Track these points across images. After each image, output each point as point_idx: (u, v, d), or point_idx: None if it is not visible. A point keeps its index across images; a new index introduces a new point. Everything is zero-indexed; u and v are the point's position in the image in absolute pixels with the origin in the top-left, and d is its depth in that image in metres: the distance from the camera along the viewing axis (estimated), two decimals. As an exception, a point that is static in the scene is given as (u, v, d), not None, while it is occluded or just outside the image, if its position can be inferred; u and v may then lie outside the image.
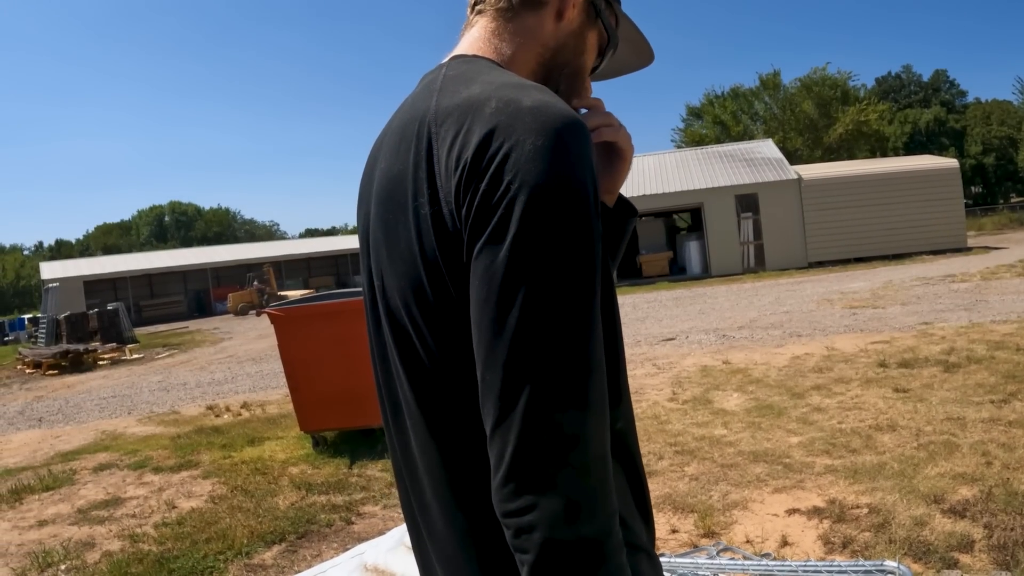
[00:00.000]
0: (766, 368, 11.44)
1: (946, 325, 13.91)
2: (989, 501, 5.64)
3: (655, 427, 8.65)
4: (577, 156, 1.23)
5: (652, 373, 11.95)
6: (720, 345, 14.16)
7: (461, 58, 1.52)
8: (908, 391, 9.24)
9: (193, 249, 73.57)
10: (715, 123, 68.56)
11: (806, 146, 63.35)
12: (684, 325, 17.71)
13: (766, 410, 8.97)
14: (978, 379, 9.50)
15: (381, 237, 1.42)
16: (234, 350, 24.15)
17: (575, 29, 1.59)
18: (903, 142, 79.60)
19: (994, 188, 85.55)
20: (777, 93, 67.03)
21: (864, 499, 5.94)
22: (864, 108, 63.83)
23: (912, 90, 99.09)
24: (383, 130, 1.56)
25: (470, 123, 1.27)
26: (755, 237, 35.60)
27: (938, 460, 6.68)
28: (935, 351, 11.37)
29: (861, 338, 13.34)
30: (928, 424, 7.77)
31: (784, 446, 7.51)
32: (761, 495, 6.29)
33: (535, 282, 1.17)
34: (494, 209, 1.20)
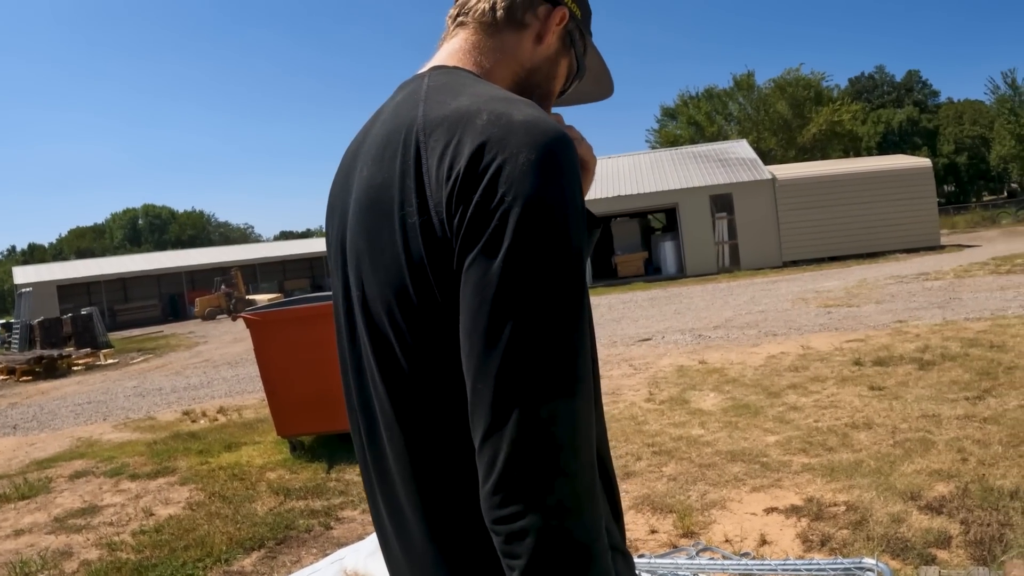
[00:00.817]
0: (742, 367, 11.48)
1: (920, 323, 14.00)
2: (965, 497, 5.68)
3: (632, 428, 8.67)
4: (568, 171, 1.26)
5: (628, 374, 11.97)
6: (696, 345, 14.21)
7: (441, 69, 1.54)
8: (883, 389, 9.29)
9: (167, 252, 73.16)
10: (689, 124, 68.93)
11: (780, 146, 63.74)
12: (660, 325, 17.76)
13: (743, 409, 9.01)
14: (952, 376, 9.57)
15: (364, 246, 1.42)
16: (210, 354, 24.04)
17: (551, 54, 1.65)
18: (876, 142, 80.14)
19: (967, 187, 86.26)
20: (751, 94, 67.49)
21: (841, 497, 5.97)
22: (837, 108, 64.43)
23: (885, 90, 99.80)
24: (358, 138, 1.58)
25: (461, 134, 1.28)
26: (730, 237, 35.74)
27: (914, 457, 6.72)
28: (910, 349, 11.45)
29: (836, 337, 13.41)
30: (904, 422, 7.82)
31: (761, 445, 7.55)
32: (739, 494, 6.32)
33: (529, 293, 1.19)
34: (488, 220, 1.21)
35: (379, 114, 1.55)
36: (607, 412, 9.50)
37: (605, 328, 18.21)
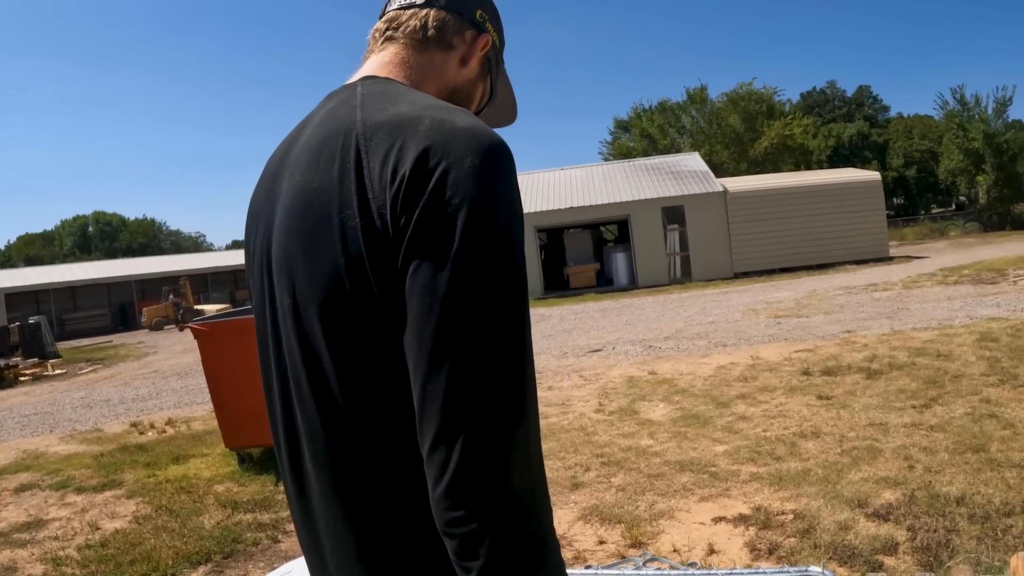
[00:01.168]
0: (692, 378, 11.52)
1: (868, 333, 14.13)
2: (912, 504, 5.74)
3: (582, 438, 8.66)
4: (511, 176, 1.30)
5: (579, 384, 11.98)
6: (646, 356, 14.24)
7: (373, 78, 1.55)
8: (831, 398, 9.37)
9: (118, 261, 72.24)
10: (643, 136, 69.27)
11: (732, 159, 64.21)
12: (611, 336, 17.79)
13: (692, 420, 9.04)
14: (900, 385, 9.66)
15: (296, 251, 1.40)
16: (159, 365, 23.81)
17: (472, 77, 1.71)
18: (827, 155, 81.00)
19: (915, 199, 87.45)
20: (704, 107, 67.96)
21: (789, 505, 6.00)
22: (789, 122, 65.04)
23: (836, 105, 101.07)
24: (283, 146, 1.58)
25: (404, 138, 1.30)
26: (681, 248, 35.92)
27: (861, 465, 6.78)
28: (858, 358, 11.55)
29: (785, 347, 13.51)
30: (851, 430, 7.89)
31: (710, 455, 7.57)
32: (687, 504, 6.33)
33: (477, 294, 1.21)
34: (436, 223, 1.23)
35: (308, 122, 1.55)
36: (556, 424, 9.50)
37: (556, 339, 18.24)
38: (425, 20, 1.62)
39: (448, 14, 1.64)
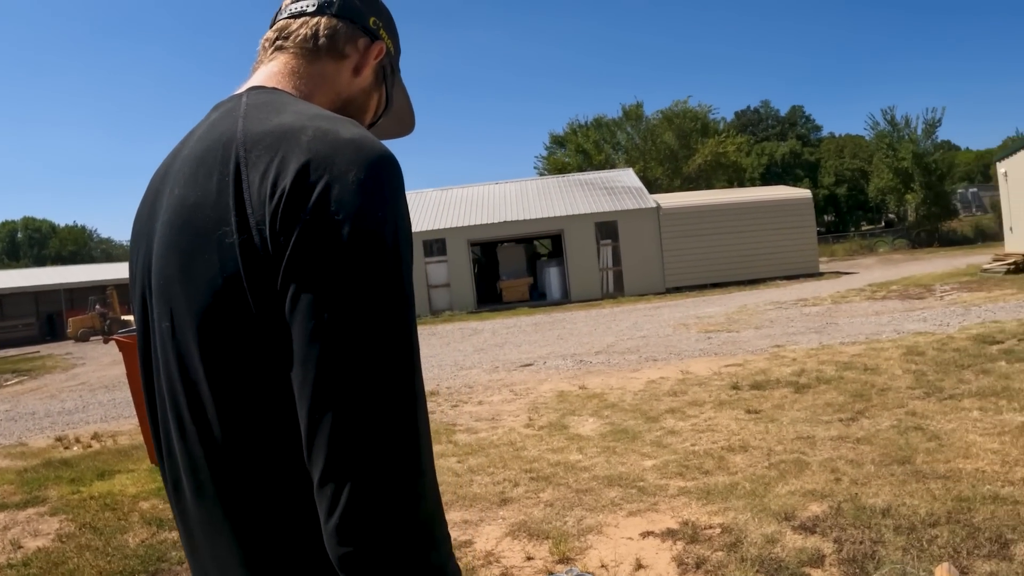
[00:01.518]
0: (622, 392, 11.51)
1: (797, 347, 14.24)
2: (838, 516, 5.75)
3: (511, 454, 8.60)
4: (398, 191, 1.23)
5: (509, 399, 11.92)
6: (577, 370, 14.23)
7: (260, 89, 1.47)
8: (760, 412, 9.40)
9: (46, 269, 70.95)
10: (578, 152, 69.59)
11: (666, 176, 64.81)
12: (542, 351, 17.77)
13: (621, 434, 9.01)
14: (827, 399, 9.72)
15: (174, 271, 1.31)
16: (86, 377, 23.39)
17: (366, 87, 1.65)
18: (760, 173, 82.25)
19: (846, 217, 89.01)
20: (639, 124, 68.61)
21: (717, 519, 5.98)
22: (723, 140, 66.06)
23: (770, 124, 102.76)
24: (167, 161, 1.49)
25: (285, 150, 1.22)
26: (614, 263, 36.10)
27: (788, 478, 6.79)
28: (786, 373, 11.62)
29: (715, 361, 13.56)
30: (779, 444, 7.90)
31: (638, 469, 7.54)
32: (616, 519, 6.29)
33: (362, 319, 1.14)
34: (317, 242, 1.15)
35: (191, 134, 1.47)
36: (486, 439, 9.43)
37: (488, 353, 18.19)
38: (316, 28, 1.56)
39: (340, 21, 1.58)
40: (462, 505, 6.93)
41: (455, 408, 11.50)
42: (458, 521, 6.52)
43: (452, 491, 7.30)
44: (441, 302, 35.75)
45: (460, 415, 10.96)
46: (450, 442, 9.34)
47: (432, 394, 12.80)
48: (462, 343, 21.56)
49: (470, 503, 6.96)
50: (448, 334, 24.96)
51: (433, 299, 35.77)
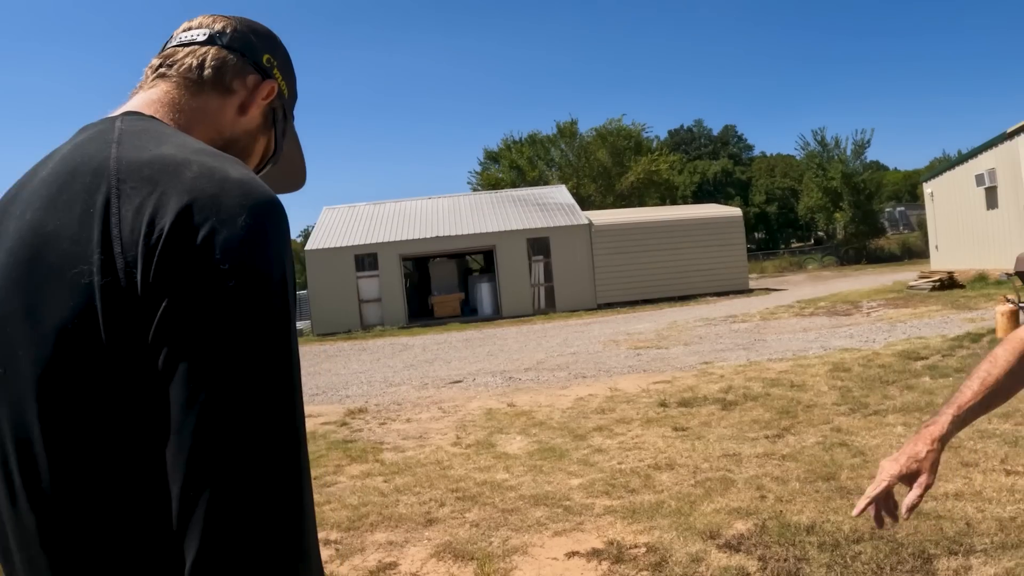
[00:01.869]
0: (550, 410, 11.46)
1: (725, 364, 14.31)
2: (763, 534, 5.74)
3: (437, 473, 8.49)
4: (286, 240, 1.14)
5: (437, 417, 11.81)
6: (506, 387, 14.17)
7: (137, 115, 1.34)
8: (687, 430, 9.40)
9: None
10: (512, 168, 69.78)
11: (599, 192, 65.22)
12: (472, 367, 17.68)
13: (548, 453, 8.95)
14: (754, 416, 9.76)
15: (16, 309, 1.15)
16: None
17: (252, 128, 1.51)
18: (692, 191, 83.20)
19: (776, 234, 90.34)
20: (573, 141, 68.97)
21: (642, 538, 5.95)
22: (656, 158, 66.73)
23: (703, 143, 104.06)
24: (20, 182, 1.31)
25: (166, 186, 1.11)
26: (546, 279, 36.18)
27: (714, 496, 6.78)
28: (714, 389, 11.65)
29: (644, 378, 13.57)
30: (705, 461, 7.90)
31: (565, 488, 7.49)
32: (541, 539, 6.22)
33: (247, 382, 1.04)
34: (201, 294, 1.04)
35: (51, 156, 1.31)
36: (413, 457, 9.32)
37: (417, 369, 18.08)
38: (203, 58, 1.44)
39: (230, 54, 1.47)
40: (387, 526, 6.83)
41: (383, 426, 11.38)
42: (383, 542, 6.42)
43: (378, 511, 7.20)
44: (372, 317, 35.56)
45: (388, 433, 10.85)
46: (377, 461, 9.24)
47: (361, 411, 12.67)
48: (392, 359, 21.42)
49: (395, 524, 6.86)
50: (379, 349, 24.81)
51: (364, 314, 35.57)
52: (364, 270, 35.96)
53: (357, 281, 35.74)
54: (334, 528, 6.84)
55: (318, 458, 9.55)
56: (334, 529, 6.82)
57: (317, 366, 21.17)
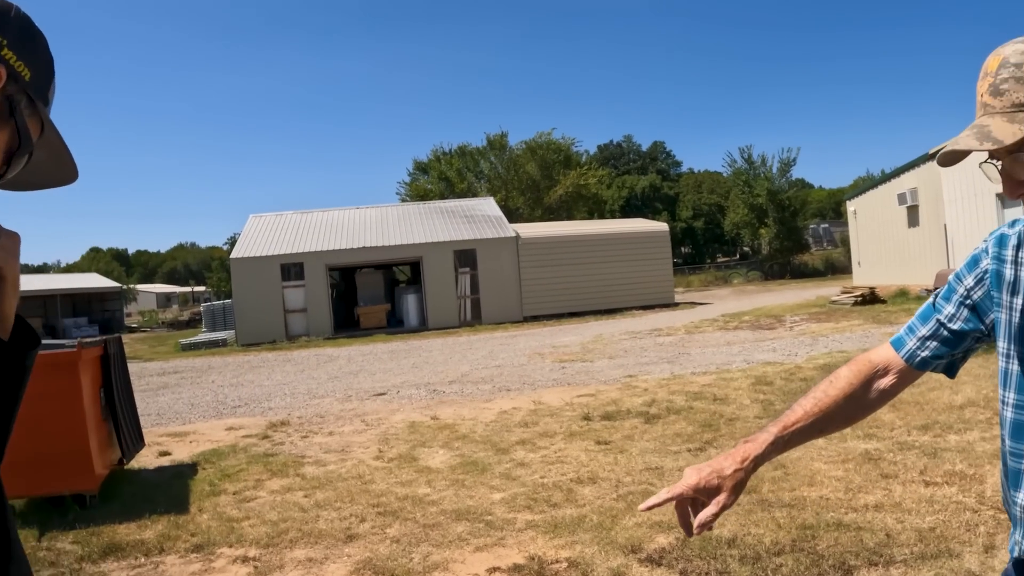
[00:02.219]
0: (473, 423, 11.41)
1: (649, 377, 14.38)
2: (684, 547, 5.75)
3: (358, 487, 8.39)
4: None
5: (360, 430, 11.70)
6: (430, 400, 14.09)
7: None
8: (610, 443, 9.41)
9: None
10: (440, 179, 69.63)
11: (527, 205, 65.34)
12: (397, 379, 17.57)
13: (471, 467, 8.90)
14: (676, 429, 9.81)
15: None
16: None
17: None
18: (620, 205, 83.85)
19: (702, 249, 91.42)
20: (503, 153, 69.03)
21: (564, 553, 5.92)
22: (585, 172, 66.95)
23: (631, 158, 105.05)
24: None
25: None
26: (472, 291, 36.16)
27: (636, 510, 6.77)
28: (637, 403, 11.69)
29: (568, 391, 13.59)
30: (628, 475, 7.91)
31: (487, 503, 7.45)
32: (463, 554, 6.18)
33: None
34: None
35: None
36: (334, 472, 9.20)
37: (342, 381, 17.93)
38: None
39: None
40: (307, 542, 6.73)
41: (305, 439, 11.25)
42: (303, 559, 6.33)
43: (298, 527, 7.10)
44: (298, 327, 35.24)
45: (310, 447, 10.72)
46: (298, 475, 9.12)
47: (283, 424, 12.52)
48: (317, 370, 21.24)
49: (315, 540, 6.77)
50: (303, 361, 24.59)
51: (290, 324, 35.24)
52: (290, 280, 35.63)
53: (283, 291, 35.42)
54: (253, 545, 6.73)
55: (238, 472, 9.42)
56: (253, 546, 6.70)
57: (240, 377, 20.93)
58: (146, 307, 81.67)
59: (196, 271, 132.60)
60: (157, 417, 14.19)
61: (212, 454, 10.55)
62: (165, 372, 24.09)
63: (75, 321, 54.58)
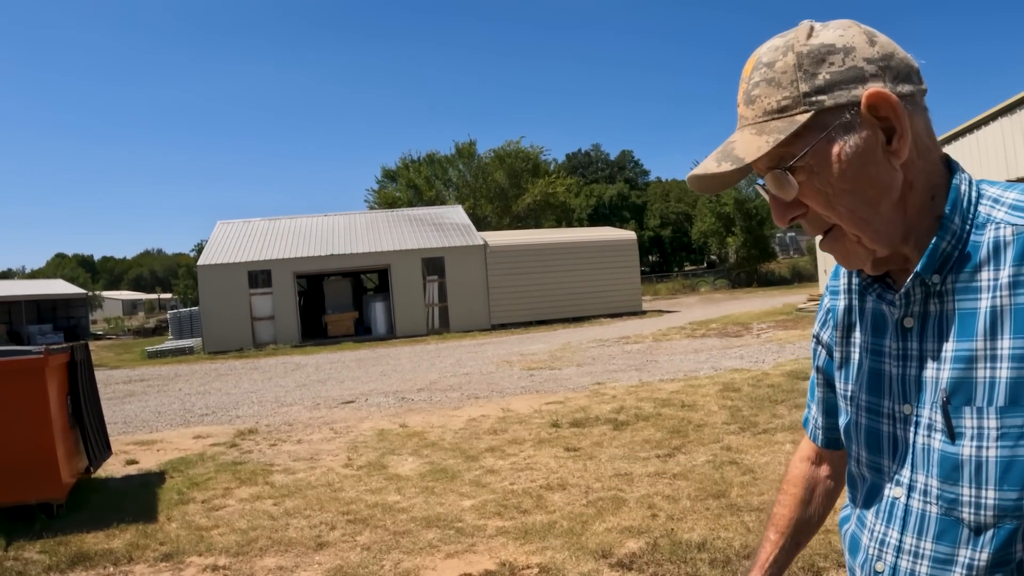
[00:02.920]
0: (442, 431, 11.40)
1: (617, 385, 14.42)
2: (655, 552, 5.79)
3: (328, 495, 8.38)
4: None
5: (329, 438, 11.66)
6: (399, 408, 14.07)
7: None
8: (579, 450, 9.43)
9: None
10: (409, 187, 69.49)
11: (495, 213, 65.33)
12: (365, 387, 17.52)
13: (440, 474, 8.90)
14: (645, 435, 9.85)
15: None
16: None
17: None
18: (588, 214, 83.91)
19: (670, 257, 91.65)
20: (471, 161, 68.97)
21: (535, 559, 5.94)
22: (553, 181, 67.02)
23: (599, 167, 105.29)
24: None
25: None
26: (440, 299, 36.12)
27: (606, 516, 6.81)
28: (606, 410, 11.73)
29: (537, 399, 13.61)
30: (597, 481, 7.94)
31: (457, 510, 7.45)
32: (434, 561, 6.18)
33: None
34: None
35: None
36: (303, 479, 9.18)
37: (310, 389, 17.85)
38: None
39: None
40: (277, 550, 6.71)
41: (273, 447, 11.21)
42: (272, 567, 6.31)
43: (267, 535, 7.08)
44: (265, 335, 35.06)
45: (278, 455, 10.68)
46: (267, 483, 9.08)
47: (251, 432, 12.46)
48: (284, 378, 21.14)
49: (285, 548, 6.75)
50: (271, 368, 24.47)
51: (257, 332, 35.05)
52: (257, 287, 35.45)
53: (250, 298, 35.23)
54: (222, 553, 6.71)
55: (206, 480, 9.38)
56: (223, 554, 6.68)
57: (207, 385, 20.80)
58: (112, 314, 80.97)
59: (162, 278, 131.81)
60: (124, 425, 14.08)
61: (180, 462, 10.50)
62: (131, 380, 23.92)
63: (40, 328, 53.86)
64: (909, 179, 1.34)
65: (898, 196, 1.34)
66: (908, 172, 1.33)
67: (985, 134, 25.74)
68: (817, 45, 1.33)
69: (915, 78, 1.35)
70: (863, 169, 1.31)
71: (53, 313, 61.31)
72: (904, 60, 1.35)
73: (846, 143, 1.31)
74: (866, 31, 1.36)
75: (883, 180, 1.32)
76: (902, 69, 1.34)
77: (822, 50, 1.33)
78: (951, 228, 1.34)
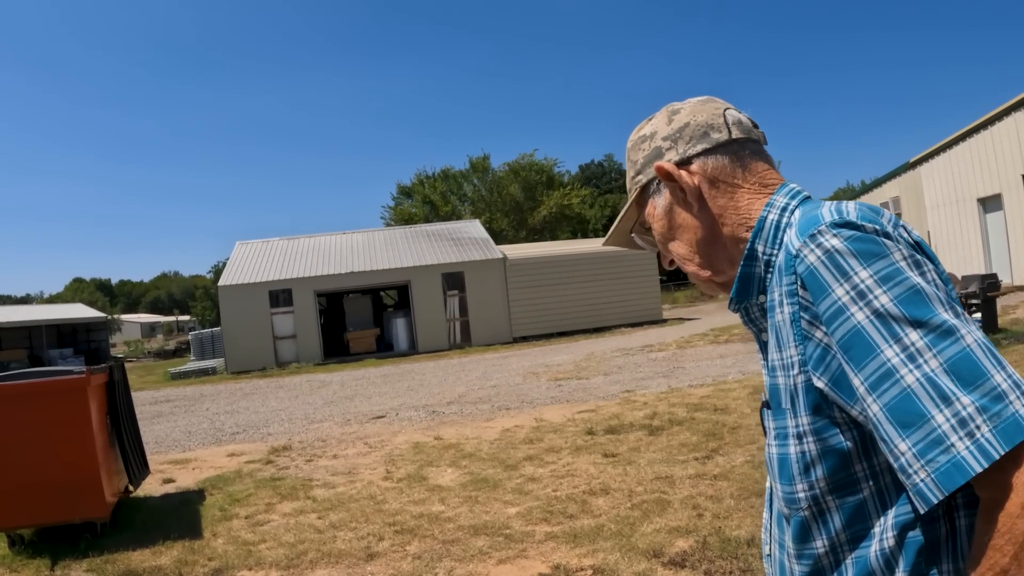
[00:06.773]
0: (478, 442, 11.45)
1: (647, 392, 14.44)
2: (705, 549, 5.84)
3: (372, 507, 8.43)
4: None
5: (364, 452, 11.72)
6: (431, 421, 14.11)
7: None
8: (617, 455, 9.47)
9: None
10: (425, 202, 69.64)
11: (511, 227, 65.36)
12: (394, 402, 17.57)
13: (481, 483, 8.95)
14: (681, 439, 9.88)
15: None
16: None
17: None
18: (603, 224, 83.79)
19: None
20: (486, 176, 69.11)
21: (587, 561, 5.99)
22: (567, 192, 67.01)
23: (613, 177, 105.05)
24: None
25: None
26: (461, 314, 36.12)
27: (652, 517, 6.85)
28: (639, 416, 11.75)
29: (568, 408, 13.63)
30: (639, 484, 7.98)
31: (503, 517, 7.49)
32: (487, 567, 6.23)
33: None
34: None
35: None
36: (344, 493, 9.24)
37: (338, 406, 17.90)
38: None
39: None
40: (327, 562, 6.76)
41: (310, 463, 11.26)
42: (324, 578, 6.37)
43: (316, 548, 7.13)
44: (287, 354, 35.13)
45: (316, 470, 10.73)
46: (308, 498, 9.13)
47: (285, 449, 12.51)
48: (311, 396, 21.18)
49: (335, 560, 6.80)
50: (296, 387, 24.51)
51: (279, 351, 35.11)
52: (278, 306, 35.53)
53: (271, 317, 35.31)
54: (273, 567, 6.76)
55: (247, 496, 9.43)
56: (273, 568, 6.73)
57: (234, 404, 20.86)
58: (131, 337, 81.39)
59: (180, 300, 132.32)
60: (156, 445, 14.15)
61: (217, 480, 10.56)
62: (157, 401, 24.00)
63: (60, 352, 53.93)
64: (717, 218, 1.60)
65: (708, 233, 1.62)
66: (713, 213, 1.60)
67: (999, 129, 25.79)
68: (637, 138, 1.74)
69: (714, 134, 1.62)
70: (672, 219, 1.67)
71: (74, 337, 61.46)
72: (700, 125, 1.63)
73: (656, 205, 1.69)
74: (670, 112, 1.70)
75: (689, 224, 1.64)
76: (695, 133, 1.63)
77: (640, 140, 1.73)
78: (757, 255, 1.54)
